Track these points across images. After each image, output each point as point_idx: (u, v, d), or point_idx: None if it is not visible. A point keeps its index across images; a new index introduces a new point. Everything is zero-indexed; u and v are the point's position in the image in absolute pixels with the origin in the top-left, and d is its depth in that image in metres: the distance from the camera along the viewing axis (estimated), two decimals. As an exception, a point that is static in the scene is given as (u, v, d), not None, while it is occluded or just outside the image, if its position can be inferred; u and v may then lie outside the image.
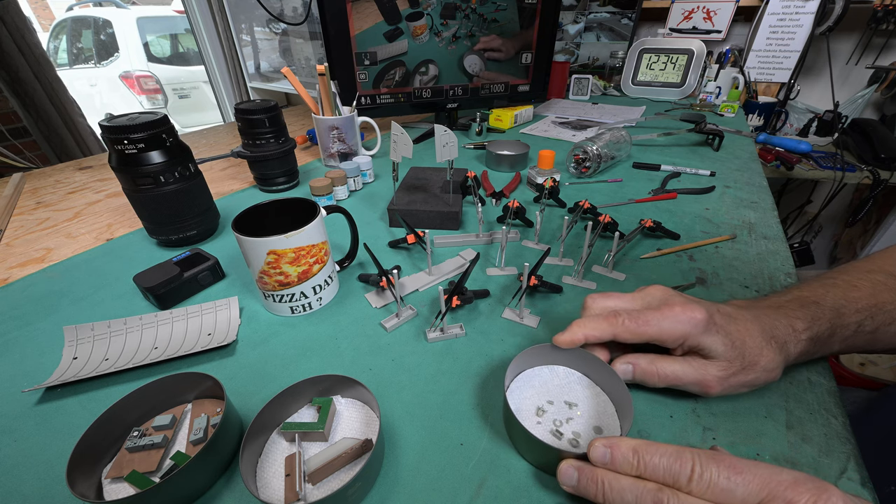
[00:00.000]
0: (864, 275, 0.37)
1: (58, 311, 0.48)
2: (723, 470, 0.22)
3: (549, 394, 0.34)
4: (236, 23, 1.43)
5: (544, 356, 0.36)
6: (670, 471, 0.23)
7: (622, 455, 0.25)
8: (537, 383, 0.35)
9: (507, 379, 0.33)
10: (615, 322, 0.32)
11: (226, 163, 0.92)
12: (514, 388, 0.35)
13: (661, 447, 0.24)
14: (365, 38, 0.86)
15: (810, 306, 0.34)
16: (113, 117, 0.52)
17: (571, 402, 0.33)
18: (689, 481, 0.23)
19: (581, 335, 0.33)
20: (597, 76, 1.49)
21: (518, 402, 0.34)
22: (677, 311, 0.31)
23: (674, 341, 0.32)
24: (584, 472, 0.26)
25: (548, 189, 0.63)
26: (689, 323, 0.31)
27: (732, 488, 0.22)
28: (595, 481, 0.25)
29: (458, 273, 0.52)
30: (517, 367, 0.35)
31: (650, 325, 0.32)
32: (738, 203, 0.67)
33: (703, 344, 0.31)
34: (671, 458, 0.24)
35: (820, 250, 1.70)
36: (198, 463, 0.28)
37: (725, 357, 0.31)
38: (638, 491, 0.24)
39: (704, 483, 0.22)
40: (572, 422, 0.32)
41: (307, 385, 0.33)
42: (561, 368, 0.36)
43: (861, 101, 1.32)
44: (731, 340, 0.31)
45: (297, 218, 0.43)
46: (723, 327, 0.31)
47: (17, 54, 1.35)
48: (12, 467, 0.32)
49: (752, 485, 0.22)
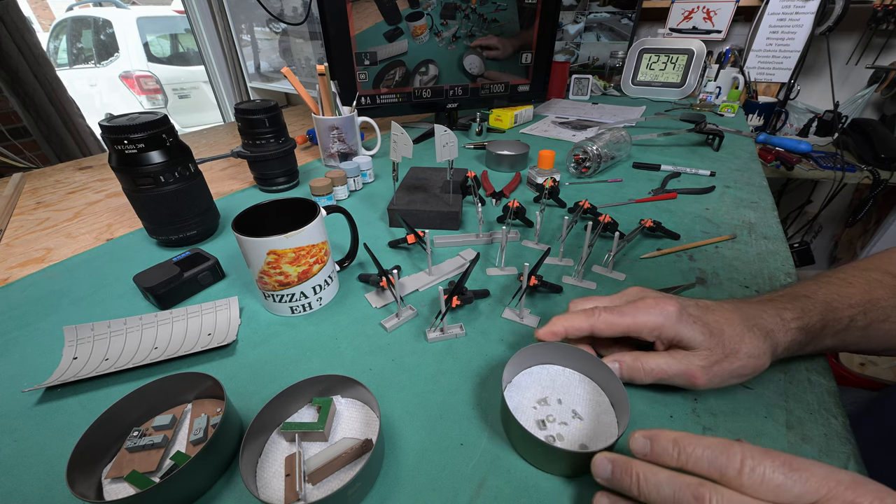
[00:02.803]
0: (860, 272, 0.37)
1: (58, 311, 0.48)
2: (778, 465, 0.21)
3: (547, 392, 0.34)
4: (236, 23, 1.43)
5: (542, 355, 0.36)
6: (715, 463, 0.22)
7: (662, 446, 0.24)
8: (535, 382, 0.35)
9: (505, 378, 0.33)
10: (593, 315, 0.34)
11: (226, 163, 0.92)
12: (513, 388, 0.35)
13: (705, 439, 0.23)
14: (365, 38, 0.86)
15: (801, 299, 0.34)
16: (113, 117, 0.52)
17: (569, 400, 0.33)
18: (739, 474, 0.21)
19: (561, 327, 0.34)
20: (597, 76, 1.49)
21: (516, 401, 0.34)
22: (650, 303, 0.33)
23: (649, 332, 0.33)
24: (619, 463, 0.25)
25: (548, 189, 0.63)
26: (662, 314, 0.32)
27: (789, 485, 0.21)
28: (630, 473, 0.24)
29: (458, 273, 0.52)
30: (515, 367, 0.35)
31: (626, 316, 0.33)
32: (738, 203, 0.67)
33: (680, 334, 0.32)
34: (716, 450, 0.22)
35: (820, 250, 1.70)
36: (198, 463, 0.28)
37: (705, 346, 0.31)
38: (676, 485, 0.22)
39: (757, 477, 0.21)
40: (570, 420, 0.32)
41: (307, 385, 0.33)
42: (558, 367, 0.36)
43: (861, 101, 1.32)
44: (709, 329, 0.32)
45: (297, 218, 0.43)
46: (699, 318, 0.32)
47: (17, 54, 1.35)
48: (12, 467, 0.32)
49: (811, 482, 0.20)
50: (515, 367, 0.35)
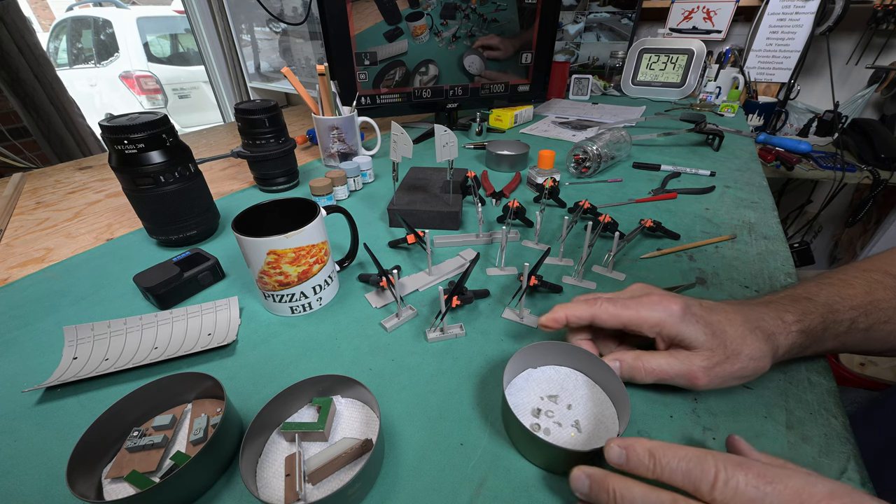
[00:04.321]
0: (860, 273, 0.37)
1: (58, 311, 0.48)
2: (751, 478, 0.21)
3: (548, 391, 0.34)
4: (236, 23, 1.42)
5: (543, 354, 0.36)
6: (690, 476, 0.22)
7: (638, 457, 0.24)
8: (536, 381, 0.35)
9: (506, 377, 0.33)
10: (594, 304, 0.34)
11: (226, 163, 0.92)
12: (513, 387, 0.35)
13: (681, 450, 0.23)
14: (365, 38, 0.86)
15: (802, 301, 0.34)
16: (113, 117, 0.52)
17: (569, 399, 0.34)
18: (711, 488, 0.21)
19: (562, 314, 0.34)
20: (597, 76, 1.49)
21: (517, 400, 0.34)
22: (654, 300, 0.33)
23: (650, 328, 0.32)
24: (596, 479, 0.25)
25: (548, 189, 0.63)
26: (665, 311, 0.32)
27: (761, 498, 0.20)
28: (606, 490, 0.24)
29: (458, 273, 0.52)
30: (515, 366, 0.35)
31: (628, 309, 0.33)
32: (738, 203, 0.67)
33: (682, 333, 0.31)
34: (692, 461, 0.22)
35: (820, 250, 1.70)
36: (198, 463, 0.28)
37: (707, 346, 0.31)
38: (650, 500, 0.22)
39: (730, 491, 0.21)
40: (570, 419, 0.32)
41: (307, 385, 0.33)
42: (559, 367, 0.36)
43: (861, 101, 1.32)
44: (712, 329, 0.31)
45: (297, 218, 0.43)
46: (702, 317, 0.32)
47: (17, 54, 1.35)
48: (12, 467, 0.32)
49: (784, 496, 0.20)
50: (516, 366, 0.35)
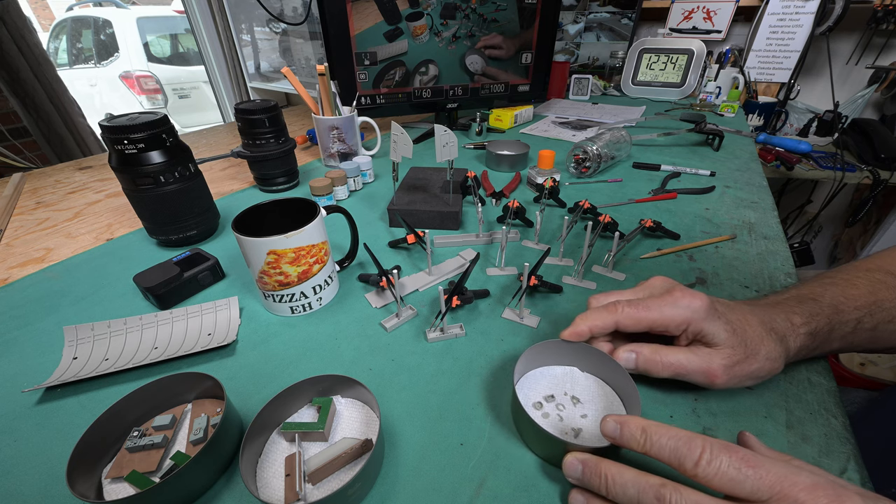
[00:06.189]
0: (863, 273, 0.37)
1: (58, 311, 0.48)
2: (734, 460, 0.22)
3: (557, 388, 0.34)
4: (236, 23, 1.42)
5: (552, 352, 0.36)
6: (676, 452, 0.23)
7: (630, 432, 0.25)
8: (545, 378, 0.35)
9: (516, 374, 0.33)
10: (616, 310, 0.33)
11: (226, 163, 0.92)
12: (523, 383, 0.35)
13: (673, 430, 0.24)
14: (365, 38, 0.86)
15: (808, 302, 0.34)
16: (113, 117, 0.52)
17: (579, 396, 0.34)
18: (695, 465, 0.22)
19: (585, 328, 0.33)
20: (597, 76, 1.49)
21: (526, 396, 0.34)
22: (678, 297, 0.32)
23: (676, 327, 0.32)
24: (589, 464, 0.26)
25: (548, 189, 0.63)
26: (690, 308, 0.31)
27: (741, 479, 0.21)
28: (599, 474, 0.25)
29: (458, 273, 0.52)
30: (526, 363, 0.35)
31: (651, 311, 0.32)
32: (738, 203, 0.67)
33: (705, 330, 0.31)
34: (681, 440, 0.23)
35: (820, 250, 1.70)
36: (198, 463, 0.28)
37: (729, 344, 0.31)
38: (640, 485, 0.23)
39: (712, 469, 0.22)
40: (579, 415, 0.32)
41: (307, 385, 0.33)
42: (569, 365, 0.36)
43: (861, 101, 1.32)
44: (733, 327, 0.31)
45: (297, 218, 0.43)
46: (724, 314, 0.32)
47: (17, 54, 1.35)
48: (12, 467, 0.32)
49: (764, 480, 0.21)
50: (526, 362, 0.35)
